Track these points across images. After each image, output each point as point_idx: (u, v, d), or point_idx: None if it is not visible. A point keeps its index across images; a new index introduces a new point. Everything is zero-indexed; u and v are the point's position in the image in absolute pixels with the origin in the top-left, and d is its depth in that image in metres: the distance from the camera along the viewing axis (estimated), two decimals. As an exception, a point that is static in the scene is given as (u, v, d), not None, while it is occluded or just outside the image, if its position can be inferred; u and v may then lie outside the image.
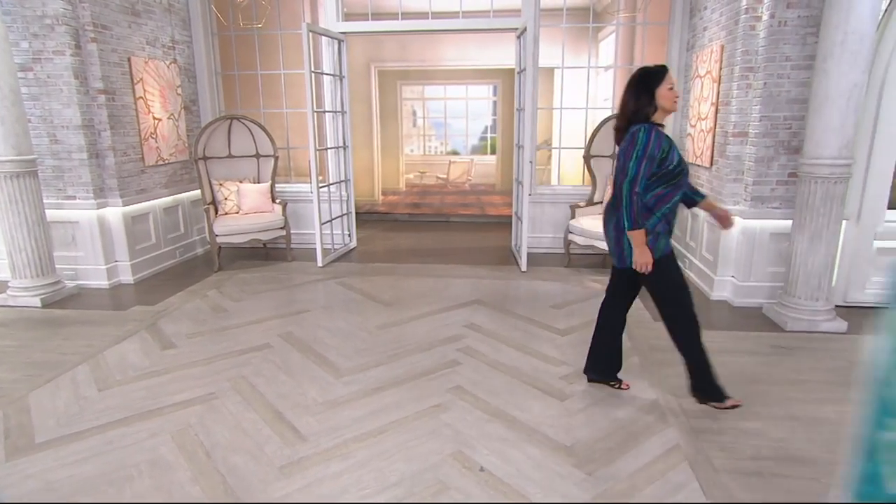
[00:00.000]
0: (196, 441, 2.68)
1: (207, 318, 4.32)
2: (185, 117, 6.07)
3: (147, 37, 5.48)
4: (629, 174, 2.66)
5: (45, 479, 2.46)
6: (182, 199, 6.02)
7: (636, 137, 2.65)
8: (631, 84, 2.78)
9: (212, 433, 2.75)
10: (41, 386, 3.26)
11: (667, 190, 2.75)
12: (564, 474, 2.46)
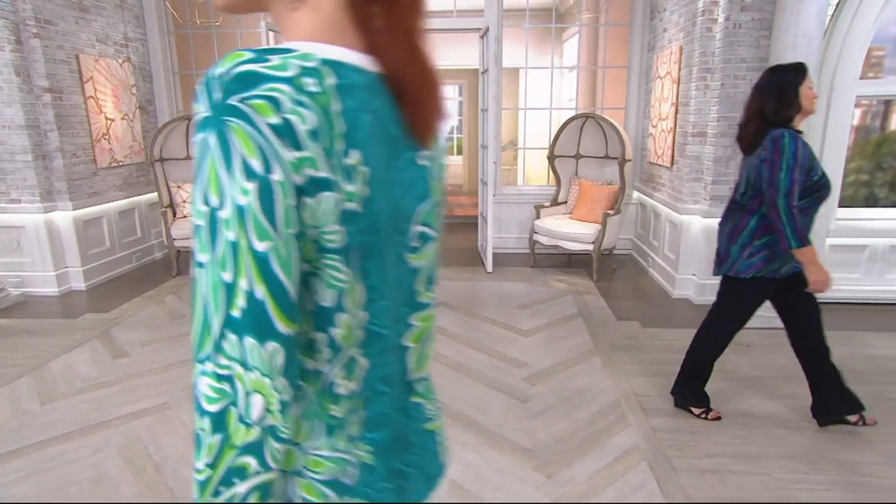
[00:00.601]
0: (145, 454, 2.59)
1: (164, 325, 4.20)
2: (140, 118, 5.91)
3: (97, 33, 5.31)
4: (782, 187, 2.37)
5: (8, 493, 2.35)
6: (139, 202, 5.86)
7: (780, 144, 2.38)
8: (768, 83, 2.50)
9: (163, 445, 2.67)
10: None
11: (807, 203, 2.48)
12: (524, 478, 2.45)
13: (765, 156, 2.43)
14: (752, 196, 2.58)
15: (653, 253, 5.39)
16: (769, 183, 2.41)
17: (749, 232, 2.61)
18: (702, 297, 4.56)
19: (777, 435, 2.78)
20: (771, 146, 2.41)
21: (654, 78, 5.41)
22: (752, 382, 3.30)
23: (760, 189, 2.49)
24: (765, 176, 2.43)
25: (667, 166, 4.98)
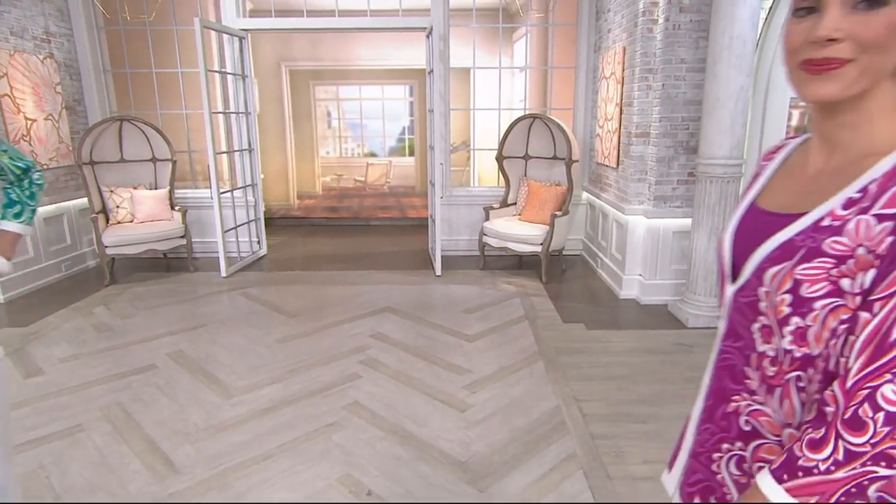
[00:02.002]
0: (45, 485, 2.40)
1: (88, 339, 3.98)
2: (67, 118, 5.62)
3: (11, 27, 4.98)
4: None
5: None
6: (67, 208, 5.57)
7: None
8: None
9: (68, 474, 2.48)
10: None
11: None
12: (456, 492, 2.38)
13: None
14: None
15: (601, 253, 5.40)
16: None
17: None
18: (647, 297, 4.59)
19: (714, 438, 2.77)
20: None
21: (600, 78, 5.43)
22: (692, 384, 3.30)
23: None
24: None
25: (613, 167, 4.99)
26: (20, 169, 1.67)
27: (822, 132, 0.83)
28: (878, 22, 0.71)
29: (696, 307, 4.10)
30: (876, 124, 0.77)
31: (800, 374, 0.80)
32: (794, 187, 0.87)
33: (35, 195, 1.69)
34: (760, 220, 0.87)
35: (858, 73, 0.73)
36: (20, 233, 1.65)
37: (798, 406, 0.81)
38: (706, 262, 4.03)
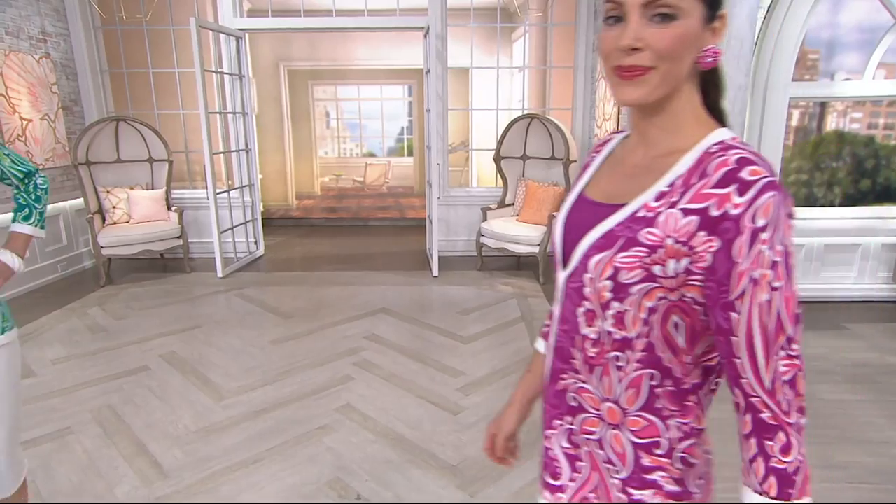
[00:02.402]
0: (31, 489, 2.38)
1: (82, 340, 3.97)
2: (64, 118, 5.61)
3: (7, 26, 4.97)
4: None
5: None
6: (64, 208, 5.56)
7: None
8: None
9: (55, 477, 2.47)
10: None
11: None
12: (445, 497, 2.35)
13: None
14: None
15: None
16: None
17: None
18: (644, 299, 4.55)
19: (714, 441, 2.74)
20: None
21: (598, 78, 5.39)
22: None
23: None
24: None
25: (610, 167, 4.96)
26: (22, 173, 1.70)
27: (638, 129, 0.90)
28: (669, 34, 0.78)
29: (693, 309, 4.07)
30: (680, 122, 0.85)
31: (618, 354, 0.86)
32: (615, 179, 0.92)
33: (41, 198, 1.74)
34: (587, 209, 0.92)
35: (660, 79, 0.80)
36: (32, 234, 1.72)
37: (616, 383, 0.88)
38: (703, 263, 4.00)
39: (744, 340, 0.77)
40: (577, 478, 0.96)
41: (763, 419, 0.77)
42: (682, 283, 0.79)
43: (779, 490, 0.77)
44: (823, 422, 2.90)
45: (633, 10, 0.78)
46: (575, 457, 0.96)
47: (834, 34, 4.67)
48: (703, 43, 0.82)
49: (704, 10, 0.79)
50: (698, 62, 0.83)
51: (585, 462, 0.94)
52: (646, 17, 0.78)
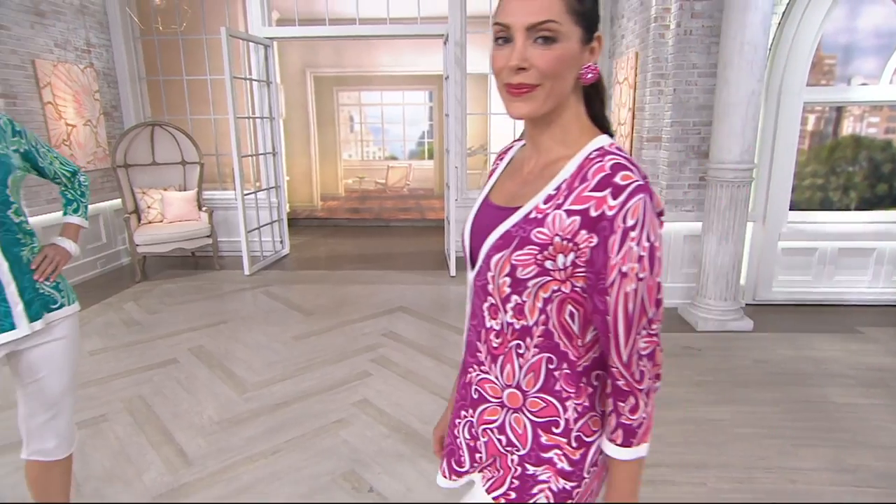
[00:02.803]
0: (64, 472, 2.45)
1: (117, 333, 4.06)
2: (105, 124, 5.74)
3: (56, 39, 5.13)
4: None
5: None
6: (103, 208, 5.69)
7: None
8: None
9: (89, 462, 2.53)
10: (-82, 413, 2.97)
11: None
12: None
13: None
14: None
15: (614, 256, 5.31)
16: None
17: None
18: (657, 300, 4.49)
19: (717, 442, 2.69)
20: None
21: (614, 83, 5.33)
22: (699, 388, 3.22)
23: None
24: None
25: (625, 171, 4.90)
26: (69, 173, 1.86)
27: (531, 139, 0.97)
28: (550, 55, 0.85)
29: (705, 311, 4.00)
30: (567, 132, 0.93)
31: (519, 342, 0.94)
32: (514, 185, 0.98)
33: (85, 194, 1.91)
34: (490, 213, 0.98)
35: (545, 95, 0.87)
36: (81, 224, 1.89)
37: (517, 369, 0.95)
38: (716, 266, 3.92)
39: (612, 321, 0.86)
40: (475, 466, 1.05)
41: (619, 385, 0.89)
42: (570, 275, 0.88)
43: (623, 439, 0.91)
44: (834, 425, 2.82)
45: (519, 34, 0.85)
46: (474, 448, 1.04)
47: (851, 39, 4.55)
48: (582, 61, 0.89)
49: (582, 33, 0.87)
50: (580, 78, 0.91)
51: (482, 452, 1.03)
52: (530, 40, 0.85)
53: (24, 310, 1.61)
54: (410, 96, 10.84)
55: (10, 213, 1.61)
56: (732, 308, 3.98)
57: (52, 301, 1.71)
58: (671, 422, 2.86)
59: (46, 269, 1.68)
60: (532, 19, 0.84)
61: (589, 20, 0.88)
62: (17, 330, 1.59)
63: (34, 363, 1.69)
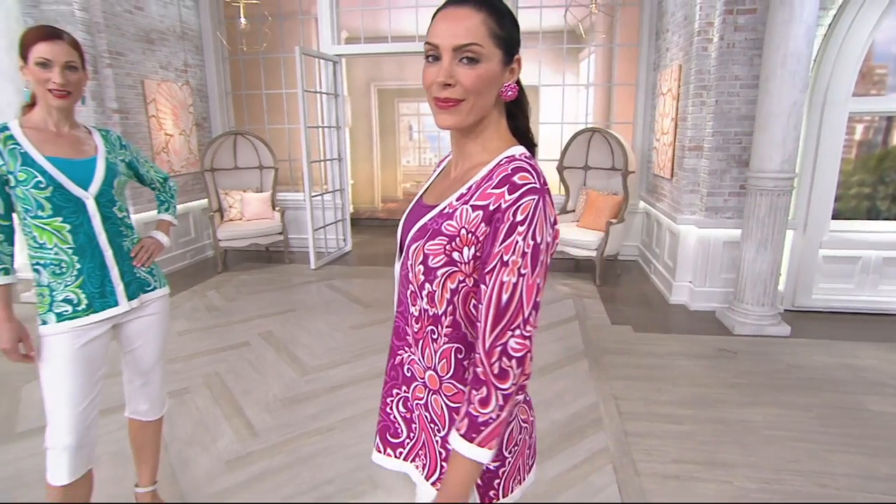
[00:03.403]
0: (150, 437, 2.63)
1: (201, 317, 4.29)
2: (196, 133, 6.07)
3: (161, 61, 5.47)
4: None
5: (17, 467, 2.43)
6: (193, 207, 6.02)
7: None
8: None
9: (175, 427, 2.70)
10: (34, 380, 3.24)
11: None
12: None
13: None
14: None
15: (655, 260, 5.17)
16: None
17: None
18: (696, 303, 4.34)
19: (747, 443, 2.59)
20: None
21: (658, 94, 5.19)
22: (732, 390, 3.10)
23: None
24: None
25: (667, 178, 4.76)
26: (162, 179, 2.05)
27: (458, 147, 1.00)
28: (473, 74, 0.88)
29: (742, 315, 3.84)
30: (488, 141, 0.96)
31: (433, 328, 0.95)
32: (442, 187, 1.03)
33: (174, 196, 2.10)
34: (418, 210, 1.02)
35: (469, 109, 0.91)
36: (171, 221, 2.08)
37: (433, 354, 0.97)
38: (754, 272, 3.76)
39: (483, 308, 0.86)
40: (412, 436, 1.06)
41: (477, 373, 0.87)
42: (473, 269, 0.90)
43: (466, 431, 0.87)
44: (869, 433, 2.66)
45: (447, 53, 0.88)
46: (410, 420, 1.06)
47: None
48: (503, 80, 0.93)
49: (503, 55, 0.90)
50: (501, 95, 0.95)
51: (417, 423, 1.04)
52: (456, 59, 0.88)
53: (125, 290, 1.76)
54: (465, 107, 10.89)
55: (115, 209, 1.75)
56: (769, 313, 3.80)
57: (146, 284, 1.85)
58: (702, 420, 2.77)
59: (143, 256, 1.83)
60: (458, 41, 0.87)
61: (508, 44, 0.91)
62: (119, 306, 1.75)
63: (131, 335, 1.85)
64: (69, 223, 1.63)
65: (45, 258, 1.63)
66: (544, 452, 2.51)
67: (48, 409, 1.68)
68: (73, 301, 1.66)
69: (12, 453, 2.54)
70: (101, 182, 1.69)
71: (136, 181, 1.97)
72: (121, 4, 4.97)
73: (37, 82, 1.58)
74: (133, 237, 1.83)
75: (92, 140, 1.76)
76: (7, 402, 3.00)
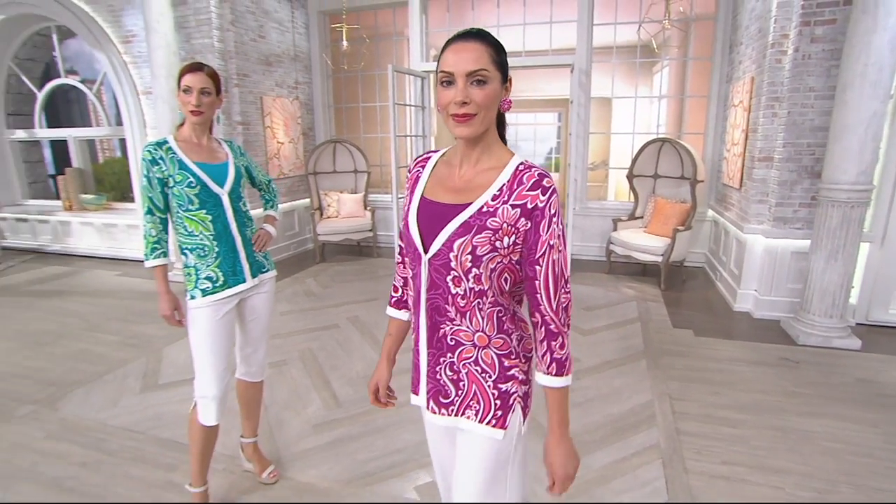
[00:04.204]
0: (255, 399, 2.87)
1: (300, 301, 4.59)
2: (302, 141, 6.47)
3: (276, 80, 5.89)
4: None
5: (157, 412, 2.75)
6: (297, 206, 6.42)
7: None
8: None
9: (274, 392, 2.93)
10: (173, 343, 3.63)
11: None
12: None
13: None
14: None
15: (721, 267, 4.86)
16: None
17: None
18: (760, 311, 4.05)
19: (804, 452, 2.40)
20: None
21: (729, 106, 4.87)
22: (792, 398, 2.88)
23: None
24: None
25: (736, 188, 4.46)
26: (267, 180, 2.27)
27: (466, 153, 1.13)
28: (483, 93, 1.04)
29: (808, 325, 3.53)
30: (490, 147, 1.12)
31: (479, 301, 1.11)
32: (452, 186, 1.13)
33: (276, 196, 2.30)
34: (436, 209, 1.12)
35: (481, 121, 1.06)
36: (276, 216, 2.27)
37: (480, 319, 1.12)
38: (823, 283, 3.45)
39: (543, 282, 1.08)
40: (460, 394, 1.17)
41: (551, 329, 1.10)
42: (510, 252, 1.07)
43: (557, 370, 1.11)
44: (941, 453, 2.38)
45: (461, 78, 1.03)
46: (457, 380, 1.17)
47: None
48: (502, 97, 1.09)
49: (501, 77, 1.06)
50: (500, 108, 1.11)
51: (465, 381, 1.16)
52: (468, 82, 1.03)
53: (249, 269, 1.98)
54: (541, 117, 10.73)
55: (241, 204, 1.99)
56: (838, 326, 3.47)
57: (262, 266, 2.06)
58: (758, 426, 2.61)
59: (261, 243, 2.06)
60: (470, 67, 1.02)
61: (504, 68, 1.07)
62: (246, 283, 1.97)
63: (250, 308, 2.06)
64: (210, 214, 1.88)
65: (192, 243, 1.89)
66: (596, 443, 2.48)
67: (196, 367, 1.92)
68: (212, 278, 1.90)
69: (156, 400, 2.88)
70: (232, 181, 1.94)
71: (249, 182, 2.17)
72: (248, 34, 5.40)
73: (182, 104, 1.88)
74: (252, 227, 2.05)
75: (222, 149, 2.02)
76: (153, 360, 3.39)
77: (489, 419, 1.16)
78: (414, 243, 1.14)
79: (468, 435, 1.19)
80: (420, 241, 1.13)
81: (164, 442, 2.50)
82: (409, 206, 1.18)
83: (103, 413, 2.76)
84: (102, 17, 5.59)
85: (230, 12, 5.17)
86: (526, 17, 5.77)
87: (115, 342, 3.70)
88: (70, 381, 3.11)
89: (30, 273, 5.68)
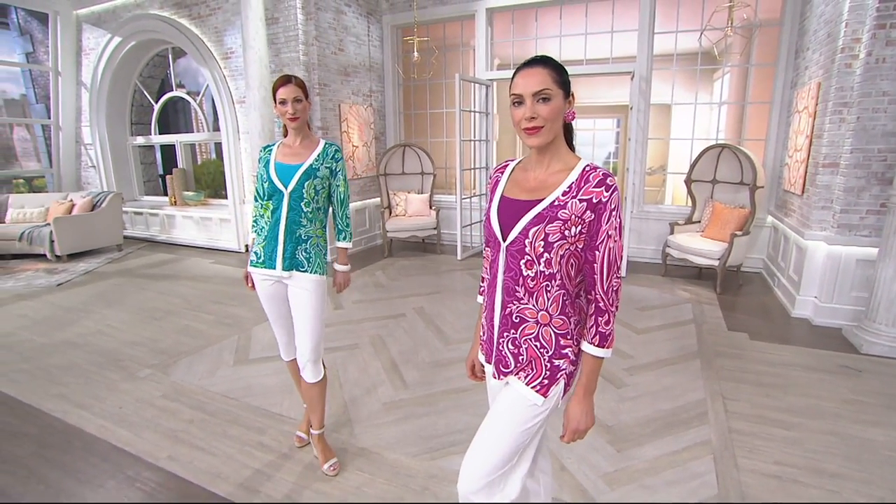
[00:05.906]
0: (335, 375, 3.06)
1: (370, 291, 4.79)
2: (374, 145, 6.71)
3: (353, 89, 6.16)
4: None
5: (248, 383, 3.00)
6: (368, 204, 6.68)
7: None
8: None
9: (347, 371, 3.12)
10: (261, 323, 3.92)
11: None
12: (597, 447, 2.38)
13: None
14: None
15: (779, 273, 4.61)
16: None
17: None
18: (820, 318, 3.82)
19: (863, 459, 2.28)
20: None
21: (793, 112, 4.59)
22: (851, 406, 2.73)
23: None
24: None
25: (797, 194, 4.22)
26: (342, 199, 2.20)
27: (538, 159, 1.27)
28: (548, 108, 1.18)
29: (874, 334, 3.31)
30: (559, 153, 1.26)
31: (547, 283, 1.23)
32: (527, 186, 1.27)
33: (349, 224, 2.25)
34: (513, 205, 1.26)
35: (547, 132, 1.21)
36: (347, 247, 2.30)
37: (546, 300, 1.24)
38: (891, 292, 3.22)
39: (599, 266, 1.21)
40: (519, 363, 1.29)
41: (600, 306, 1.23)
42: (576, 241, 1.20)
43: (599, 341, 1.24)
44: None
45: (529, 98, 1.18)
46: (517, 354, 1.29)
47: None
48: (565, 110, 1.22)
49: (563, 94, 1.20)
50: (565, 119, 1.24)
51: (524, 354, 1.28)
52: (535, 100, 1.18)
53: (282, 261, 2.05)
54: (600, 123, 10.49)
55: (302, 203, 2.04)
56: (907, 336, 3.23)
57: (301, 265, 2.05)
58: (813, 430, 2.50)
59: (339, 288, 2.28)
60: (535, 88, 1.17)
61: (566, 86, 1.21)
62: (275, 270, 2.06)
63: (291, 296, 2.10)
64: (272, 205, 2.07)
65: (257, 224, 2.14)
66: (647, 436, 2.46)
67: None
68: (257, 254, 2.12)
69: (246, 372, 3.13)
70: (295, 182, 2.03)
71: (325, 191, 2.11)
72: (329, 48, 5.68)
73: (280, 114, 2.05)
74: (309, 229, 2.05)
75: (313, 151, 2.09)
76: (244, 338, 3.68)
77: (536, 385, 1.27)
78: (494, 233, 1.28)
79: (511, 391, 1.31)
80: (500, 232, 1.26)
81: (255, 409, 2.73)
82: (490, 203, 1.32)
83: (204, 381, 3.04)
84: (208, 38, 6.06)
85: (314, 28, 5.46)
86: (588, 27, 5.69)
87: (212, 321, 4.04)
88: (177, 352, 3.44)
89: (144, 259, 6.27)
